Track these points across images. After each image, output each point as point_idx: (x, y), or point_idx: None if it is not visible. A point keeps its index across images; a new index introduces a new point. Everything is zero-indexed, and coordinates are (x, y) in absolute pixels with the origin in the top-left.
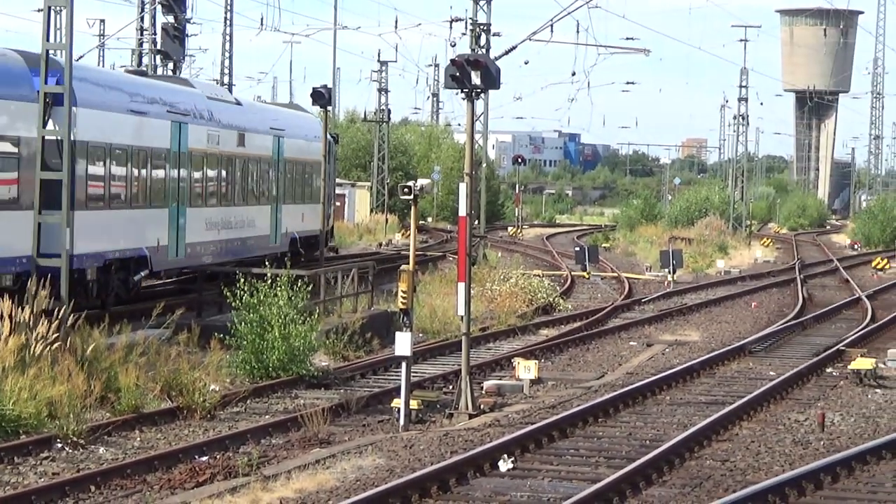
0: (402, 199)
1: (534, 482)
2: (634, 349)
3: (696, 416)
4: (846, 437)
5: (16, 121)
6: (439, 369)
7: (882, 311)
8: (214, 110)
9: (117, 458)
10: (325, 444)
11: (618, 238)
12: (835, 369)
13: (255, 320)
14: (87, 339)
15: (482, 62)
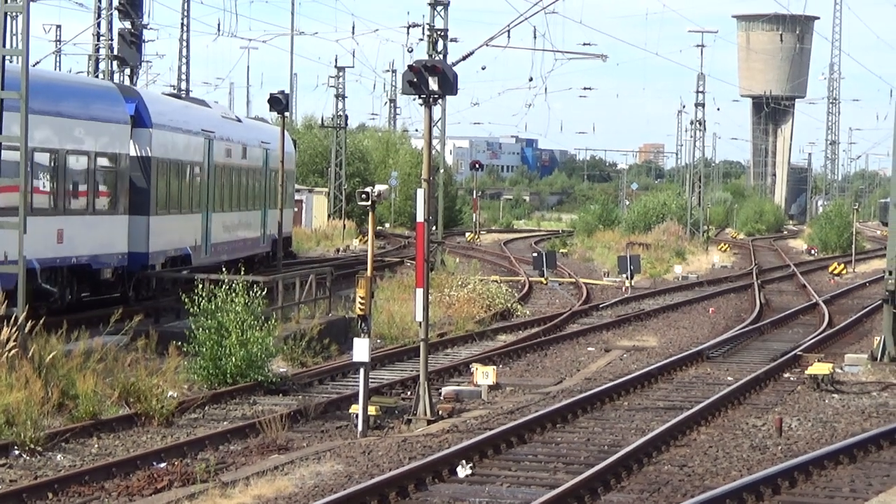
0: (359, 205)
1: (492, 488)
2: (592, 355)
3: (654, 422)
4: (804, 441)
5: (114, 140)
6: (397, 375)
7: (839, 316)
8: (227, 127)
9: (75, 464)
10: (283, 451)
11: (575, 243)
12: (792, 374)
13: (213, 326)
14: (45, 346)
15: (439, 68)
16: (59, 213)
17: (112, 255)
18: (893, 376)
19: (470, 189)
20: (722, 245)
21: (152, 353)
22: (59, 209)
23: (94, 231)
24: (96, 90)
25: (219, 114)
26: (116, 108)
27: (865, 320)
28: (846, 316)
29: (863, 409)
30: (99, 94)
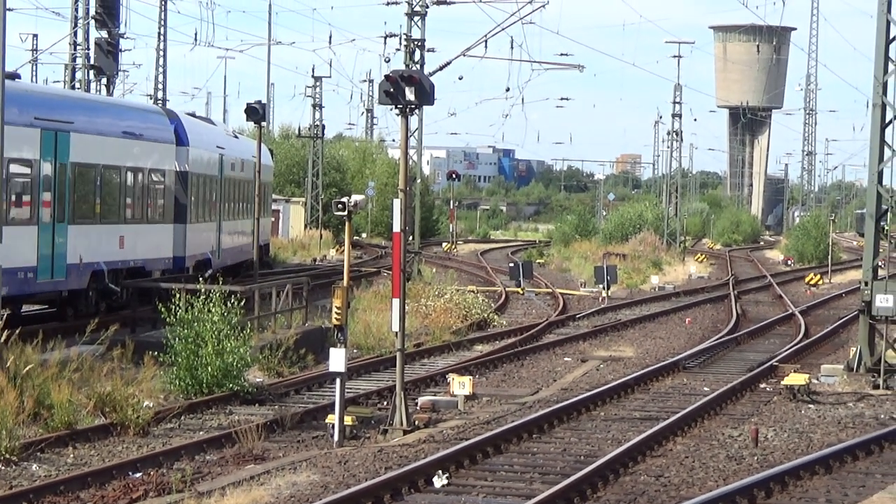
0: (336, 215)
1: (468, 498)
2: (569, 365)
3: (630, 432)
4: (780, 452)
5: (162, 158)
6: (374, 385)
7: (815, 327)
8: (231, 144)
9: (50, 474)
10: (259, 460)
11: (552, 254)
12: (768, 385)
13: (190, 336)
14: (21, 356)
15: (416, 78)
16: (121, 221)
17: (161, 258)
18: (869, 387)
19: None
20: (699, 256)
21: (128, 363)
22: (120, 218)
23: (147, 238)
24: (148, 114)
25: (223, 131)
26: (164, 130)
27: (841, 331)
28: (822, 327)
29: (839, 420)
30: (150, 117)
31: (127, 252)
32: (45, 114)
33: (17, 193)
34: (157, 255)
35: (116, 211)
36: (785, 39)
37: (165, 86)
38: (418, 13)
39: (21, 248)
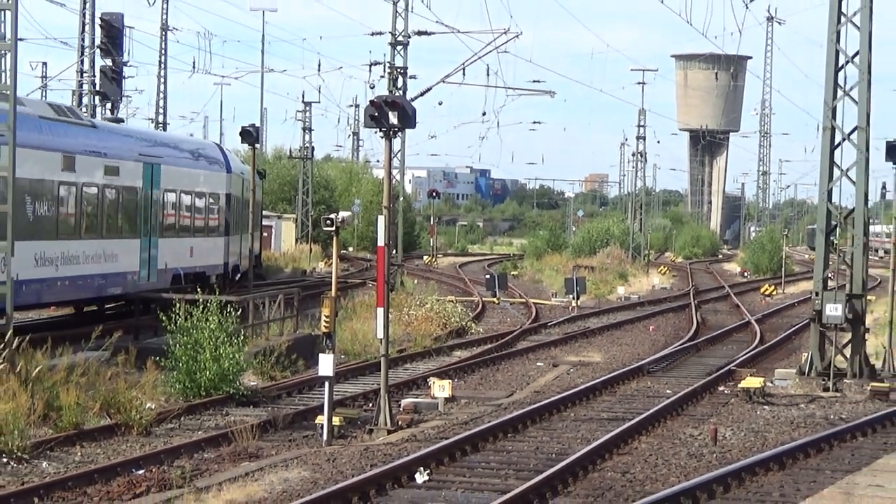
0: (324, 231)
1: (448, 493)
2: (541, 369)
3: (598, 432)
4: (737, 450)
5: (217, 183)
6: (360, 388)
7: (770, 334)
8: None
9: (59, 471)
10: (253, 458)
11: (525, 266)
12: (726, 388)
13: (189, 342)
14: (31, 361)
15: (399, 103)
16: (191, 235)
17: (216, 265)
18: (820, 389)
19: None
20: (661, 268)
21: (132, 368)
22: (190, 233)
23: (207, 248)
24: (207, 148)
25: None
26: (218, 161)
27: (794, 338)
28: (776, 334)
29: (791, 420)
30: (208, 150)
31: (195, 260)
32: (145, 151)
33: (129, 214)
34: (213, 262)
35: (188, 227)
36: (741, 67)
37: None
38: (401, 43)
39: (129, 256)
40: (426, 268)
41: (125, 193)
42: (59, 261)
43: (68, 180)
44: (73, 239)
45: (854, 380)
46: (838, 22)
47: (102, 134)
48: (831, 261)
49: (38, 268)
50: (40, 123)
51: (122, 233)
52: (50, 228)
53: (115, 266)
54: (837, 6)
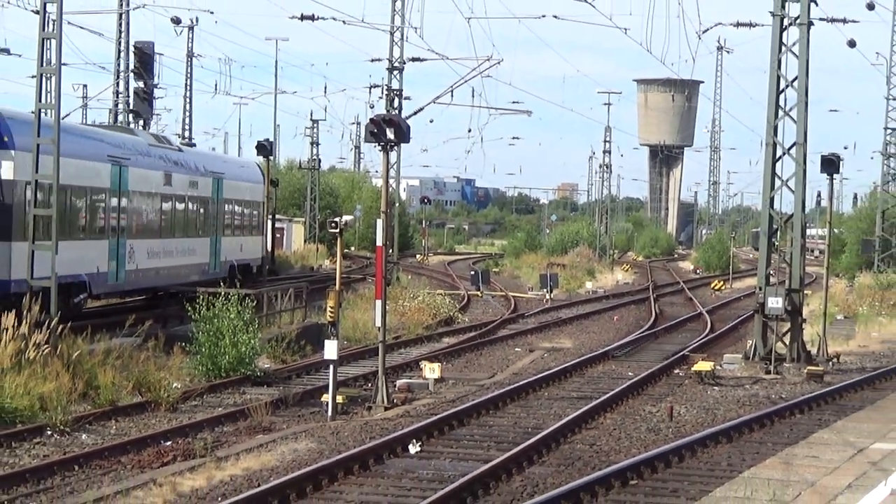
0: (330, 232)
1: (437, 462)
2: (519, 354)
3: (569, 409)
4: (690, 425)
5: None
6: (360, 370)
7: (719, 324)
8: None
9: (97, 443)
10: (267, 431)
11: (505, 264)
12: (681, 371)
13: (211, 330)
14: (72, 346)
15: (395, 121)
16: (241, 234)
17: (257, 258)
18: (762, 372)
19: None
20: (624, 266)
21: (160, 352)
22: (241, 233)
23: (250, 244)
24: (250, 164)
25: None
26: (257, 175)
27: (740, 327)
28: (725, 323)
29: (738, 399)
30: (251, 167)
31: (244, 253)
32: (212, 168)
33: (203, 218)
34: (255, 255)
35: (239, 227)
36: (695, 90)
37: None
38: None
39: (203, 251)
40: (419, 265)
41: (201, 202)
42: (162, 254)
43: (167, 192)
44: (170, 237)
45: (792, 364)
46: (779, 51)
47: (185, 156)
48: (773, 260)
49: (149, 259)
50: (149, 149)
51: (199, 233)
52: (156, 229)
53: (195, 258)
54: (779, 38)
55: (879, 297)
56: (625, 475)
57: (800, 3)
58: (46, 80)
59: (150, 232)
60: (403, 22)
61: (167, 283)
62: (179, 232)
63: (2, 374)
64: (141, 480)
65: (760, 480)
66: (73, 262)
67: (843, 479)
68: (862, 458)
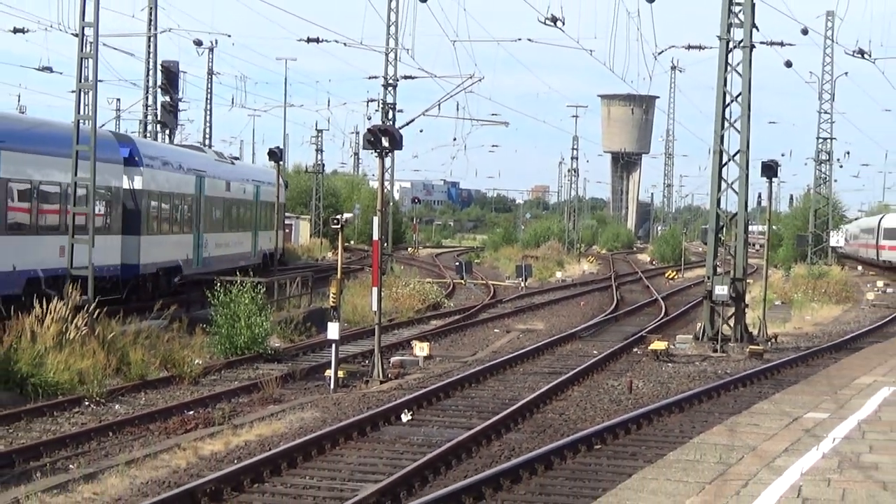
0: (332, 228)
1: (426, 429)
2: (497, 334)
3: (541, 382)
4: (647, 397)
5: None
6: (359, 349)
7: (672, 308)
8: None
9: (128, 412)
10: (277, 402)
11: (486, 256)
12: (639, 349)
13: (228, 314)
14: (107, 327)
15: (390, 131)
16: (270, 229)
17: (279, 247)
18: (710, 351)
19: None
20: (590, 258)
21: (184, 333)
22: (266, 228)
23: (269, 237)
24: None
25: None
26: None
27: (691, 311)
28: (677, 308)
29: (689, 374)
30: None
31: (270, 244)
32: (252, 177)
33: (247, 216)
34: (271, 246)
35: (268, 224)
36: (651, 104)
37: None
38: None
39: (247, 243)
40: (410, 257)
41: (246, 204)
42: (224, 246)
43: (227, 197)
44: (228, 231)
45: (736, 344)
46: (725, 71)
47: (236, 168)
48: (719, 252)
49: (217, 248)
50: (215, 164)
51: (244, 228)
52: (219, 225)
53: (242, 248)
54: (725, 59)
55: (812, 286)
56: (590, 441)
57: (743, 29)
58: (84, 94)
59: (217, 227)
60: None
61: (225, 266)
62: (233, 227)
63: (45, 352)
64: (167, 445)
65: (708, 445)
66: (173, 251)
67: (781, 444)
68: (797, 425)
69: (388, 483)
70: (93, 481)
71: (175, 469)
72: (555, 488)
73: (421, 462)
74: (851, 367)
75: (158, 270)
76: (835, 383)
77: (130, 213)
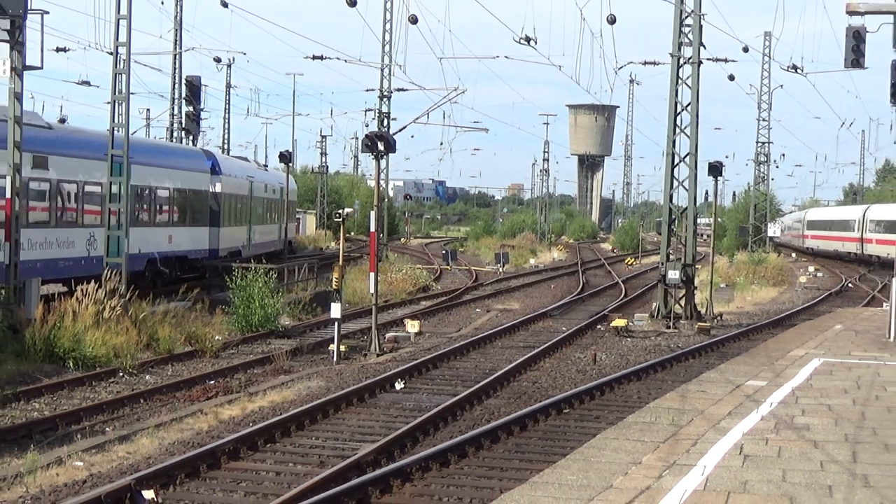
0: (335, 221)
1: (417, 396)
2: (479, 313)
3: (517, 355)
4: (609, 367)
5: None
6: (358, 326)
7: (631, 290)
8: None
9: (157, 382)
10: (287, 373)
11: (468, 245)
12: (602, 326)
13: (244, 296)
14: (139, 308)
15: (385, 136)
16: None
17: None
18: (664, 327)
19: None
20: (559, 247)
21: (206, 313)
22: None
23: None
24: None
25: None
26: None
27: (647, 293)
28: (635, 290)
29: (645, 347)
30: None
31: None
32: (278, 180)
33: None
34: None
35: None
36: (612, 113)
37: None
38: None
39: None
40: (403, 246)
41: (276, 202)
42: (263, 234)
43: (265, 196)
44: (265, 224)
45: (686, 321)
46: (676, 83)
47: (268, 174)
48: (672, 241)
49: (259, 237)
50: (256, 170)
51: (274, 221)
52: (261, 219)
53: (273, 237)
54: (676, 73)
55: (752, 271)
56: (559, 405)
57: (692, 47)
58: (118, 105)
59: (259, 220)
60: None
61: (263, 251)
62: (268, 220)
63: (84, 330)
64: (190, 410)
65: (662, 409)
66: (236, 239)
67: (725, 408)
68: (739, 392)
69: (384, 443)
70: (126, 442)
71: (198, 431)
72: (529, 447)
73: (412, 424)
74: (786, 341)
75: (229, 254)
76: (772, 355)
77: (213, 210)
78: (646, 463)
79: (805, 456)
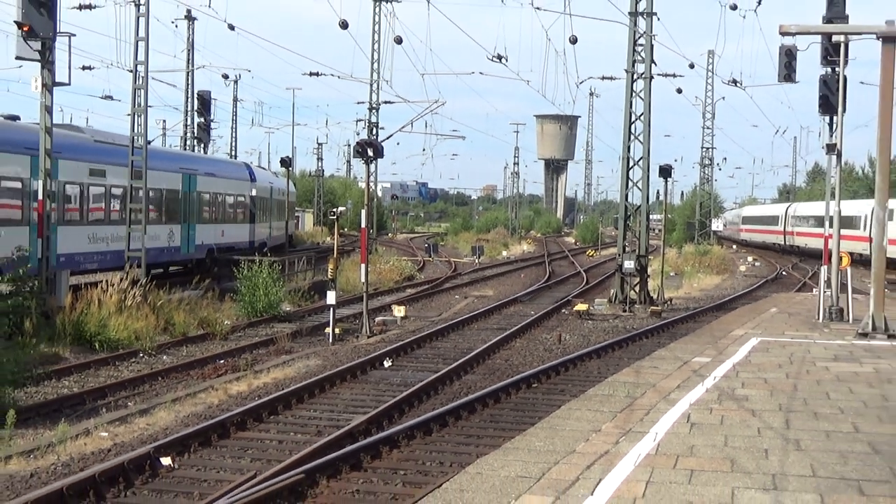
0: (330, 218)
1: (403, 372)
2: (458, 300)
3: (491, 336)
4: (572, 346)
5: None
6: (351, 311)
7: (592, 279)
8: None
9: (173, 362)
10: (288, 353)
11: (448, 239)
12: (566, 310)
13: (250, 285)
14: (157, 296)
15: (374, 143)
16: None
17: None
18: (621, 311)
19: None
20: (528, 240)
21: (216, 300)
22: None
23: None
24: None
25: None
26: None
27: (606, 281)
28: (596, 278)
29: (604, 329)
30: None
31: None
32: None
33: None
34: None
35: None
36: (575, 123)
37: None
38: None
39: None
40: (390, 240)
41: (283, 203)
42: (276, 230)
43: (277, 198)
44: (276, 220)
45: (641, 306)
46: (631, 96)
47: (277, 179)
48: (627, 235)
49: (275, 231)
50: (271, 177)
51: (283, 218)
52: (276, 217)
53: (280, 231)
54: (630, 87)
55: (698, 261)
56: (529, 380)
57: (644, 64)
58: (138, 117)
59: (275, 218)
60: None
61: (277, 243)
62: (279, 218)
63: (108, 316)
64: (203, 387)
65: (619, 383)
66: (263, 234)
67: (675, 381)
68: (687, 367)
69: (374, 414)
70: (146, 415)
71: (210, 405)
72: (502, 417)
73: (399, 398)
74: (728, 322)
75: (259, 244)
76: (715, 335)
77: (251, 211)
78: (605, 430)
79: (744, 423)
